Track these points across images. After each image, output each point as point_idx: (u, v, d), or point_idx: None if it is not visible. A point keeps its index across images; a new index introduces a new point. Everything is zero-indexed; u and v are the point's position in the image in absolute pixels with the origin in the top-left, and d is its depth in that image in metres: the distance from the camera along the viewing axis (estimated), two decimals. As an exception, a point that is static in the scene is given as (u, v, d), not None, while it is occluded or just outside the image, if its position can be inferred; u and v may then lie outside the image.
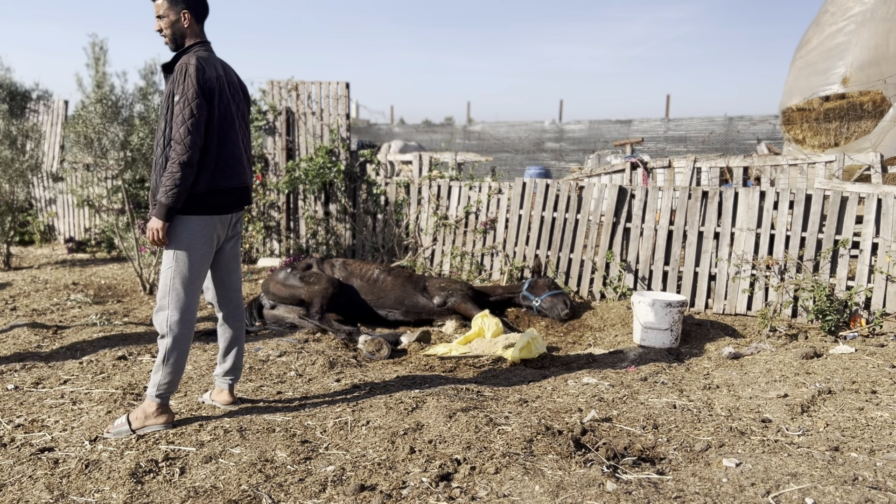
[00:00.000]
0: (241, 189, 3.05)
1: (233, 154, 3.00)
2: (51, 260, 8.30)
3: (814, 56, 11.13)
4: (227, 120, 2.97)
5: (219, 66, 2.99)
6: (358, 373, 3.96)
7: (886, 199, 5.22)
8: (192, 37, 3.02)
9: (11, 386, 3.56)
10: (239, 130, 3.06)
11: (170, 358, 2.89)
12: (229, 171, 2.98)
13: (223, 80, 2.96)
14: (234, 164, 3.00)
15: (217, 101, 2.91)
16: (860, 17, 10.59)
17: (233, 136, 3.00)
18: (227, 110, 2.96)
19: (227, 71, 3.06)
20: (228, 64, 3.14)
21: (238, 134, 3.05)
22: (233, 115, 3.01)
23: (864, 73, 10.45)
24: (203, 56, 2.93)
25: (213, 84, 2.89)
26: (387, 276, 5.51)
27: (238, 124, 3.06)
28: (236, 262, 3.20)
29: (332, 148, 7.73)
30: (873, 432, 2.85)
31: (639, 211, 6.09)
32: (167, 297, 2.90)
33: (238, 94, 3.10)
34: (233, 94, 3.04)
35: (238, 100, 3.09)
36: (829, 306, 4.85)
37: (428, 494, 2.26)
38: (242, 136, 3.10)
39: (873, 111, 10.34)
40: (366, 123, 22.38)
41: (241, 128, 3.10)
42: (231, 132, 2.99)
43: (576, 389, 3.54)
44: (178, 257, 2.91)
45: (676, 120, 17.53)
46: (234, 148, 3.01)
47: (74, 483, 2.40)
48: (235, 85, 3.09)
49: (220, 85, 2.93)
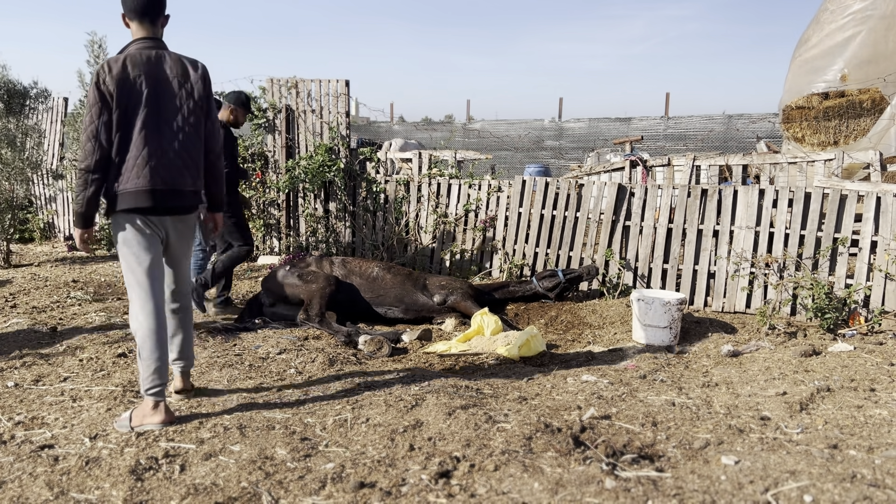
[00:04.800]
0: (150, 192, 2.89)
1: (141, 156, 2.87)
2: (51, 257, 8.30)
3: (813, 54, 11.12)
4: (136, 122, 2.87)
5: (146, 64, 2.89)
6: (358, 370, 3.97)
7: (885, 197, 5.23)
8: (132, 36, 2.99)
9: (11, 383, 3.56)
10: (160, 131, 2.92)
11: (142, 352, 2.91)
12: (130, 173, 2.87)
13: (141, 79, 2.86)
14: (142, 166, 2.87)
15: (124, 103, 2.84)
16: (860, 14, 10.58)
17: (144, 137, 2.88)
18: (138, 112, 2.86)
19: (163, 68, 2.93)
20: (185, 58, 3.01)
21: (155, 135, 2.90)
22: (153, 115, 2.89)
23: (862, 71, 10.45)
24: (120, 56, 2.88)
25: (116, 86, 2.82)
26: (386, 274, 5.51)
27: (164, 125, 2.93)
28: (185, 259, 3.18)
29: (332, 146, 7.73)
30: (872, 430, 2.86)
31: (638, 209, 6.09)
32: (129, 293, 2.98)
33: (176, 91, 2.95)
34: (160, 93, 2.91)
35: (170, 97, 2.94)
36: (828, 304, 4.85)
37: (427, 492, 2.26)
38: (176, 137, 2.95)
39: (872, 109, 10.34)
40: (365, 121, 22.37)
41: (178, 127, 2.96)
42: (143, 133, 2.88)
43: (575, 387, 3.55)
44: (122, 255, 2.97)
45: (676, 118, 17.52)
46: (141, 150, 2.88)
47: (74, 480, 2.41)
48: (174, 82, 2.95)
49: (131, 86, 2.85)
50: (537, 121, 19.12)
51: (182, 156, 2.98)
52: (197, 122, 3.03)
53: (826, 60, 10.87)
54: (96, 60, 8.01)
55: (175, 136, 2.95)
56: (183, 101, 2.97)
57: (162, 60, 2.94)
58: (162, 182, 2.91)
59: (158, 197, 2.91)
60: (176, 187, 2.96)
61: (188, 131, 3.00)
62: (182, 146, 2.98)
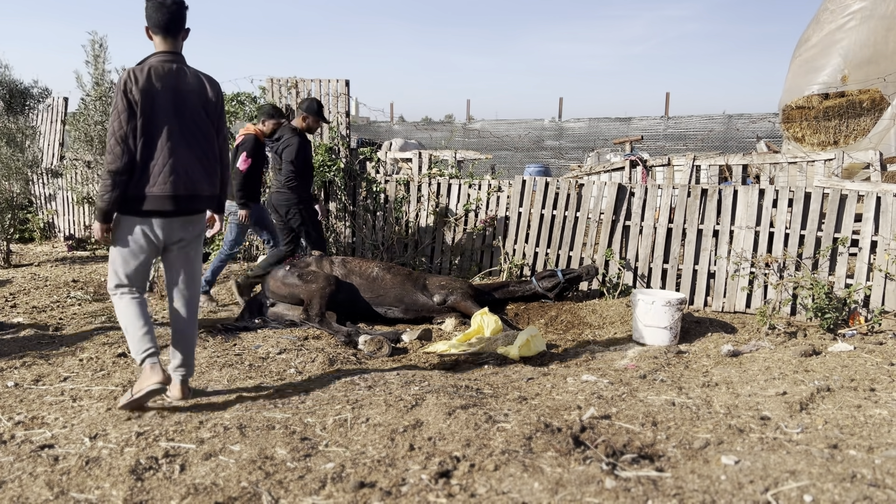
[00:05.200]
0: (164, 198, 3.12)
1: (159, 163, 3.10)
2: (50, 257, 8.30)
3: (813, 54, 11.13)
4: (160, 130, 3.10)
5: (167, 76, 3.12)
6: (358, 370, 3.97)
7: (885, 197, 5.23)
8: (155, 48, 3.21)
9: (11, 383, 3.56)
10: (181, 140, 3.15)
11: (121, 323, 3.19)
12: (156, 178, 3.10)
13: (164, 90, 3.09)
14: (169, 173, 3.11)
15: (148, 112, 3.06)
16: (859, 14, 10.58)
17: (169, 146, 3.11)
18: (161, 121, 3.09)
19: (183, 81, 3.17)
20: (202, 74, 3.27)
21: (177, 144, 3.14)
22: (175, 125, 3.13)
23: (862, 71, 10.45)
24: (144, 66, 3.10)
25: (141, 95, 3.04)
26: (386, 274, 5.51)
27: (184, 134, 3.16)
28: (187, 265, 3.32)
29: (332, 146, 7.73)
30: (872, 430, 2.86)
31: (638, 209, 6.09)
32: (108, 277, 3.26)
33: (194, 103, 3.20)
34: (179, 104, 3.15)
35: (189, 109, 3.18)
36: (828, 304, 4.85)
37: (427, 491, 2.26)
38: (195, 146, 3.20)
39: (872, 109, 10.35)
40: (365, 121, 22.36)
41: (195, 137, 3.20)
42: (167, 142, 3.11)
43: (575, 387, 3.55)
44: (112, 251, 3.23)
45: (676, 118, 17.53)
46: (167, 157, 3.11)
47: (74, 480, 2.41)
48: (192, 95, 3.19)
49: (155, 96, 3.07)
50: (537, 121, 19.13)
51: (202, 163, 3.24)
52: (211, 134, 3.29)
53: (826, 60, 10.87)
54: (95, 60, 8.04)
55: (196, 145, 3.21)
56: (200, 113, 3.23)
57: (182, 74, 3.19)
58: (184, 188, 3.17)
59: (180, 202, 3.17)
60: (195, 193, 3.22)
61: (205, 142, 3.25)
62: (202, 155, 3.24)
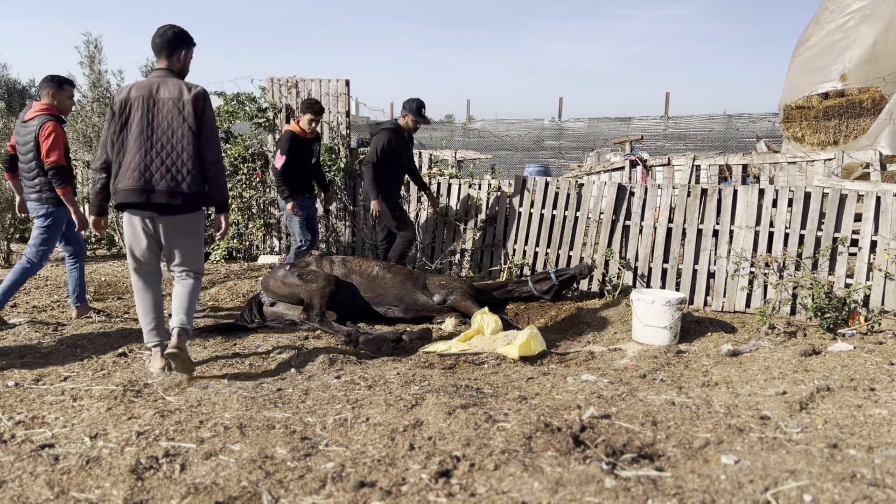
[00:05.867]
0: (130, 191, 3.60)
1: (126, 162, 3.61)
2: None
3: (813, 53, 11.13)
4: (132, 134, 3.59)
5: (146, 87, 3.62)
6: (358, 370, 3.97)
7: (885, 196, 5.23)
8: (156, 66, 3.79)
9: (12, 382, 3.56)
10: (149, 142, 3.59)
11: (139, 315, 3.85)
12: (121, 176, 3.63)
13: (140, 100, 3.60)
14: (125, 171, 3.61)
15: (124, 119, 3.62)
16: (859, 14, 10.58)
17: (136, 147, 3.59)
18: (135, 126, 3.59)
19: (162, 90, 3.62)
20: (185, 83, 3.67)
21: (144, 145, 3.59)
22: (147, 129, 3.59)
23: (862, 70, 10.45)
24: (135, 82, 3.70)
25: (119, 105, 3.63)
26: (386, 274, 5.51)
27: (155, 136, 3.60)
28: (178, 248, 3.79)
29: (332, 145, 7.73)
30: (871, 429, 2.86)
31: (638, 209, 6.09)
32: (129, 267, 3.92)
33: (169, 108, 3.61)
34: (153, 111, 3.61)
35: (163, 113, 3.60)
36: (828, 304, 4.86)
37: (427, 491, 2.27)
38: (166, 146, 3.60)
39: (872, 109, 10.34)
40: (366, 121, 22.35)
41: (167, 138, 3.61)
42: (136, 143, 3.58)
43: (575, 386, 3.55)
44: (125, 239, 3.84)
45: (676, 118, 17.54)
46: (132, 158, 3.59)
47: (75, 479, 2.41)
48: (169, 101, 3.61)
49: (132, 105, 3.61)
50: (537, 120, 19.14)
51: (164, 162, 3.60)
52: (187, 135, 3.63)
53: (826, 60, 10.88)
54: (91, 61, 8.11)
55: (162, 145, 3.60)
56: (174, 117, 3.61)
57: (162, 85, 3.64)
58: (145, 183, 3.58)
59: (144, 195, 3.59)
60: (158, 188, 3.59)
61: (175, 142, 3.61)
62: (166, 154, 3.60)
